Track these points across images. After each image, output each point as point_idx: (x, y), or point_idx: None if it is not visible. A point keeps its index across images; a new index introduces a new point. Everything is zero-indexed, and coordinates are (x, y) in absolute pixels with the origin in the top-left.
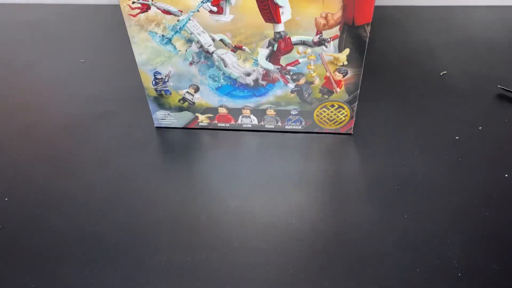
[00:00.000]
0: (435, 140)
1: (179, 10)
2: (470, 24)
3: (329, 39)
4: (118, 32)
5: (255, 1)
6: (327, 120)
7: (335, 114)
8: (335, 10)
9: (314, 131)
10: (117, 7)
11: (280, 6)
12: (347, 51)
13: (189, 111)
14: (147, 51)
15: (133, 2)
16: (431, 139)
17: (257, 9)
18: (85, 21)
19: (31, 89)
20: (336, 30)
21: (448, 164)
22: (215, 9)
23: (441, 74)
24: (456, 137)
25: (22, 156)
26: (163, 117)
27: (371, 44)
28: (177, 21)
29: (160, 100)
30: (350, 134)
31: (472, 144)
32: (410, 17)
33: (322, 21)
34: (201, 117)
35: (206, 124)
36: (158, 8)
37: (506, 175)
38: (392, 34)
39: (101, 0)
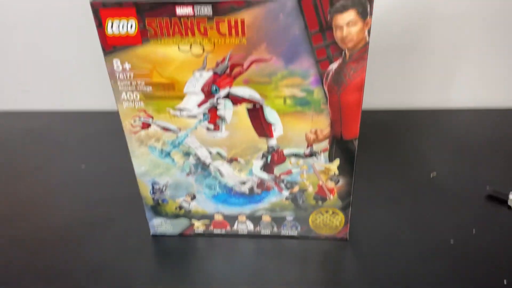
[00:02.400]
0: (431, 245)
1: (178, 128)
2: (456, 126)
3: (319, 152)
4: (118, 139)
5: (249, 119)
6: (322, 226)
7: (330, 220)
8: (324, 127)
9: (310, 236)
10: (118, 114)
11: (272, 124)
12: (337, 161)
13: (185, 218)
14: (147, 163)
15: (135, 121)
16: (426, 244)
17: (251, 126)
18: (88, 128)
19: (30, 195)
20: (325, 144)
21: (445, 269)
22: (211, 126)
23: (431, 176)
24: (451, 241)
25: (12, 267)
26: (159, 225)
27: (360, 146)
28: (176, 137)
29: (157, 208)
30: (346, 239)
31: (468, 249)
32: (398, 120)
33: (312, 136)
34: (197, 224)
35: (202, 230)
36: (158, 126)
37: (505, 281)
38: (381, 137)
39: (104, 106)
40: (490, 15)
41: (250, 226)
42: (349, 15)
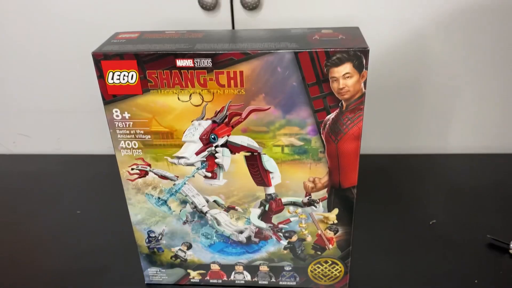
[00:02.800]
0: None
1: (175, 176)
2: (453, 172)
3: (318, 200)
4: (115, 183)
5: (247, 167)
6: (321, 276)
7: (329, 270)
8: (322, 175)
9: (309, 287)
10: (116, 158)
11: (270, 172)
12: (336, 211)
13: (181, 267)
14: (143, 211)
15: (132, 169)
16: None
17: (249, 174)
18: (85, 171)
19: (24, 240)
20: (324, 193)
21: None
22: (209, 174)
23: (430, 223)
24: None
25: None
26: (154, 274)
27: (358, 192)
28: (173, 185)
29: (152, 257)
30: None
31: None
32: (394, 165)
33: (310, 185)
34: (193, 274)
35: (198, 280)
36: (155, 174)
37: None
38: (378, 182)
39: (101, 150)
40: (485, 61)
41: (247, 276)
42: (345, 68)
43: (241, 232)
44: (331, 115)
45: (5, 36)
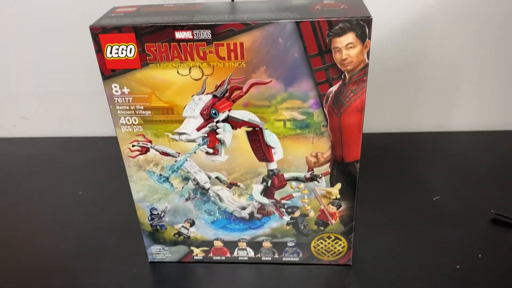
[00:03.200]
0: (436, 270)
1: (177, 152)
2: (456, 149)
3: (320, 175)
4: (117, 164)
5: (249, 143)
6: (324, 252)
7: (332, 246)
8: (324, 150)
9: (312, 262)
10: (116, 139)
11: (272, 147)
12: (338, 185)
13: (184, 245)
14: (145, 189)
15: (133, 145)
16: (432, 269)
17: (251, 150)
18: (86, 154)
19: (28, 222)
20: (326, 167)
21: None
22: (211, 150)
23: (434, 199)
24: (457, 266)
25: None
26: (157, 252)
27: (361, 170)
28: (175, 161)
29: (155, 235)
30: (349, 265)
31: (474, 274)
32: (397, 143)
33: (313, 160)
34: (196, 251)
35: (201, 257)
36: (156, 151)
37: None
38: (382, 160)
39: (101, 132)
40: (489, 39)
41: (250, 252)
42: (348, 38)
43: (243, 208)
44: (334, 88)
45: (3, 18)
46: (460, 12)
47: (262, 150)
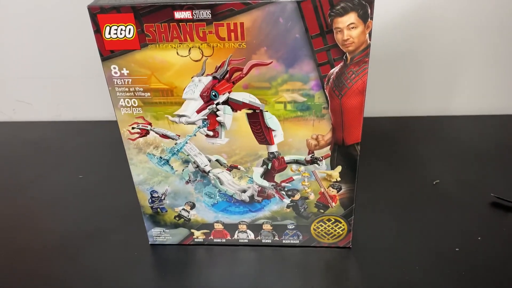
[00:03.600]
0: (436, 252)
1: (176, 135)
2: (457, 133)
3: (321, 158)
4: (117, 148)
5: (249, 126)
6: (324, 234)
7: (332, 228)
8: (325, 132)
9: (312, 245)
10: (116, 123)
11: (273, 130)
12: (339, 168)
13: (184, 227)
14: (145, 171)
15: (133, 128)
16: (431, 251)
17: (251, 133)
18: (85, 137)
19: (28, 206)
20: (327, 150)
21: (451, 277)
22: (211, 133)
23: (434, 183)
24: (457, 249)
25: (10, 278)
26: (158, 234)
27: (362, 154)
28: (175, 144)
29: (156, 218)
30: (349, 247)
31: (474, 256)
32: (398, 127)
33: (313, 142)
34: (197, 233)
35: (201, 240)
36: (156, 133)
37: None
38: (382, 144)
39: (101, 116)
40: (490, 22)
41: (250, 235)
42: (350, 18)
43: (244, 191)
44: (335, 69)
45: (2, 1)
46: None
47: (262, 133)
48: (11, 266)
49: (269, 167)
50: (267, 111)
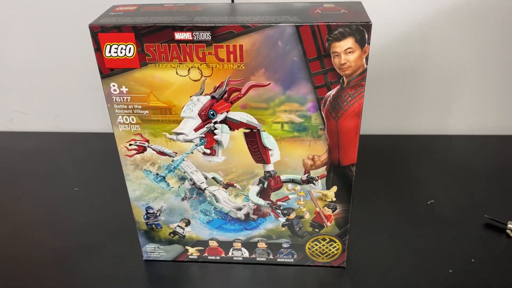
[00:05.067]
0: (430, 274)
1: (173, 152)
2: (452, 153)
3: (317, 178)
4: (113, 161)
5: (246, 145)
6: (319, 254)
7: (327, 248)
8: (321, 153)
9: (306, 264)
10: (113, 135)
11: (270, 149)
12: (334, 188)
13: (179, 244)
14: (141, 187)
15: (130, 144)
16: (425, 273)
17: (248, 151)
18: (82, 149)
19: (22, 217)
20: (323, 170)
21: None
22: (208, 151)
23: (428, 203)
24: (450, 270)
25: None
26: (152, 250)
27: (357, 172)
28: (172, 161)
29: (150, 234)
30: (343, 267)
31: (467, 278)
32: (393, 145)
33: (310, 162)
34: (191, 250)
35: (196, 257)
36: (153, 150)
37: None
38: (377, 162)
39: (98, 128)
40: (488, 42)
41: (245, 253)
42: (347, 43)
43: (239, 209)
44: (332, 92)
45: (2, 14)
46: (459, 16)
47: (259, 152)
48: (3, 277)
49: (265, 185)
50: (264, 130)
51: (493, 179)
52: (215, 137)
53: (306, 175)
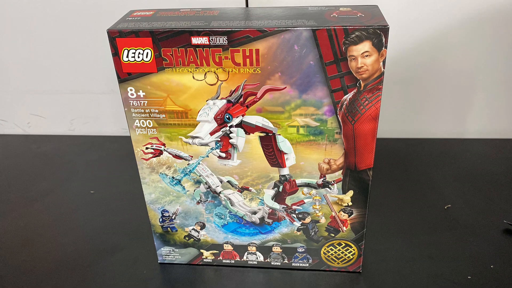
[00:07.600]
0: (447, 280)
1: (189, 155)
2: (468, 156)
3: (332, 182)
4: (129, 164)
5: (261, 148)
6: (334, 258)
7: (342, 253)
8: (337, 157)
9: (322, 269)
10: (129, 139)
11: (285, 153)
12: (350, 193)
13: (194, 247)
14: (157, 191)
15: (147, 148)
16: (442, 278)
17: (263, 155)
18: (98, 152)
19: (40, 220)
20: (339, 174)
21: None
22: (223, 155)
23: (445, 207)
24: (469, 277)
25: None
26: (167, 253)
27: (373, 176)
28: (187, 164)
29: (166, 237)
30: (359, 272)
31: (486, 285)
32: (409, 149)
33: (325, 166)
34: (206, 254)
35: (210, 260)
36: (169, 154)
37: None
38: (394, 166)
39: (114, 131)
40: (503, 47)
41: (260, 257)
42: (364, 46)
43: (254, 213)
44: (349, 95)
45: (20, 17)
46: (476, 22)
47: (274, 156)
48: (20, 279)
49: (280, 189)
50: (279, 134)
51: (511, 184)
52: (230, 140)
53: (322, 179)
